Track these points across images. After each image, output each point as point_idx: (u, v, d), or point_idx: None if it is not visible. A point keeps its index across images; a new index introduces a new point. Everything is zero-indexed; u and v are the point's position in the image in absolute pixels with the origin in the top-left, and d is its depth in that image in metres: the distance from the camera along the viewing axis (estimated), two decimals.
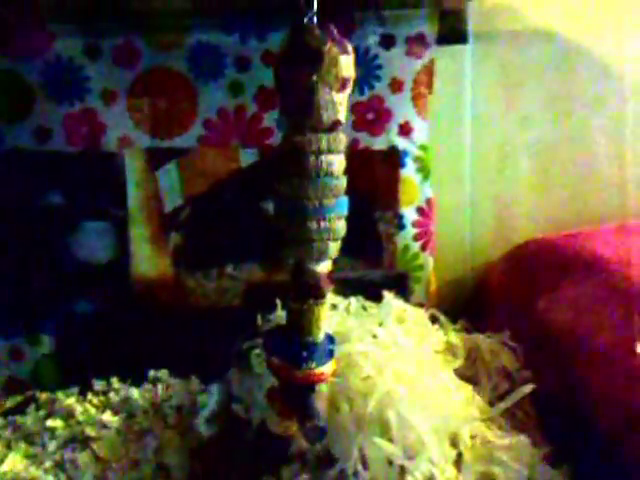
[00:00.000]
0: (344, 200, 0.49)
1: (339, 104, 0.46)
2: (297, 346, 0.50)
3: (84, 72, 0.74)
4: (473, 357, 0.69)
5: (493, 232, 0.86)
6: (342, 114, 0.47)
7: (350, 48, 0.46)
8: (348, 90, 0.47)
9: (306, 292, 0.49)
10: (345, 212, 0.50)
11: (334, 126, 0.47)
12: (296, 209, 0.47)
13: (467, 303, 0.86)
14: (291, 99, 0.46)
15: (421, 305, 0.79)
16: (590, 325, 0.64)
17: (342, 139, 0.48)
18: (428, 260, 0.83)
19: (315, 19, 0.48)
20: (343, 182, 0.49)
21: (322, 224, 0.48)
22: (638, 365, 0.57)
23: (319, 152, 0.47)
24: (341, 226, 0.49)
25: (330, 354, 0.51)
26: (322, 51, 0.44)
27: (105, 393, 0.75)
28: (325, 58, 0.44)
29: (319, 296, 0.49)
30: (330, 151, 0.47)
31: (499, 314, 0.81)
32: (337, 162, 0.48)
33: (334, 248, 0.49)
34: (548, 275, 0.75)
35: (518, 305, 0.77)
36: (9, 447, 0.67)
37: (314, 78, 0.44)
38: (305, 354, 0.49)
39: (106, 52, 0.74)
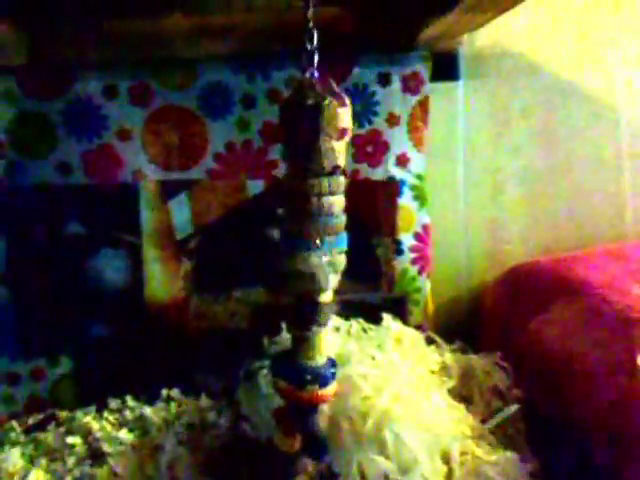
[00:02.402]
0: (344, 236, 0.54)
1: (338, 151, 0.51)
2: (301, 370, 0.54)
3: (102, 111, 0.80)
4: (467, 376, 0.73)
5: (487, 256, 0.90)
6: (341, 160, 0.52)
7: (347, 101, 0.51)
8: (346, 138, 0.52)
9: (309, 320, 0.54)
10: (345, 247, 0.54)
11: (334, 170, 0.51)
12: (300, 245, 0.52)
13: (463, 324, 0.90)
14: (295, 147, 0.51)
15: (420, 327, 0.84)
16: (576, 346, 0.68)
17: (341, 181, 0.53)
18: (425, 283, 0.87)
19: (316, 73, 0.53)
20: (342, 220, 0.53)
21: (323, 259, 0.52)
22: (619, 387, 0.61)
23: (321, 194, 0.51)
24: (341, 260, 0.54)
25: (332, 376, 0.55)
26: (322, 105, 0.49)
27: (120, 411, 0.79)
28: (325, 111, 0.49)
29: (321, 324, 0.54)
30: (331, 193, 0.52)
31: (493, 335, 0.85)
32: (337, 202, 0.52)
33: (334, 280, 0.54)
34: (538, 297, 0.78)
35: (511, 326, 0.81)
36: (32, 463, 0.70)
37: (316, 129, 0.49)
38: (309, 377, 0.54)
39: (122, 92, 0.79)
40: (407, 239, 0.86)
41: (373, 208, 0.85)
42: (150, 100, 0.80)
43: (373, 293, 0.86)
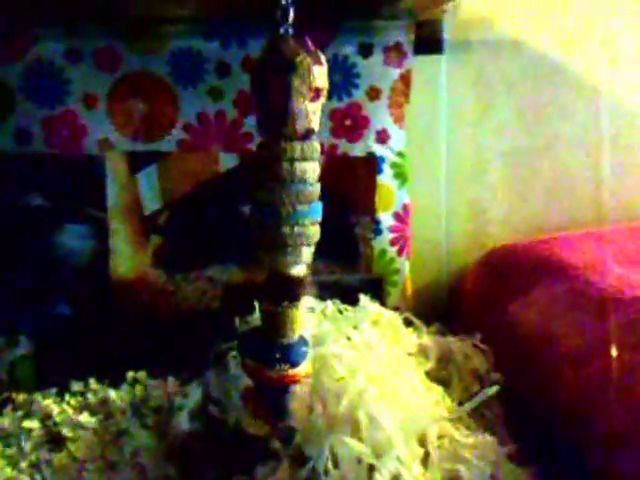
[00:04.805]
0: (318, 206, 0.51)
1: (313, 113, 0.47)
2: (271, 348, 0.51)
3: (65, 75, 0.75)
4: (446, 359, 0.71)
5: (468, 237, 0.88)
6: (316, 123, 0.49)
7: (324, 59, 0.48)
8: (322, 100, 0.48)
9: (280, 295, 0.51)
10: (319, 218, 0.51)
11: (308, 134, 0.48)
12: (270, 215, 0.49)
13: (443, 307, 0.88)
14: (266, 108, 0.48)
15: (397, 309, 0.81)
16: (557, 329, 0.66)
17: (316, 147, 0.49)
18: (404, 264, 0.84)
19: (291, 30, 0.49)
20: (316, 188, 0.50)
21: (295, 229, 0.49)
22: (601, 368, 0.59)
23: (293, 159, 0.48)
24: (314, 231, 0.51)
25: (304, 356, 0.52)
26: (296, 62, 0.45)
27: (83, 394, 0.75)
28: (299, 69, 0.45)
29: (293, 299, 0.51)
30: (304, 159, 0.49)
31: (473, 317, 0.83)
32: (311, 169, 0.49)
33: (308, 253, 0.51)
34: (520, 280, 0.76)
35: (491, 309, 0.79)
36: None
37: (288, 88, 0.46)
38: (278, 355, 0.51)
39: (87, 55, 0.74)
40: (386, 219, 0.83)
41: (351, 185, 0.82)
42: (117, 65, 0.75)
43: (350, 274, 0.84)
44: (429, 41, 0.80)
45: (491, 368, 0.69)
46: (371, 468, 0.49)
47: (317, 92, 0.47)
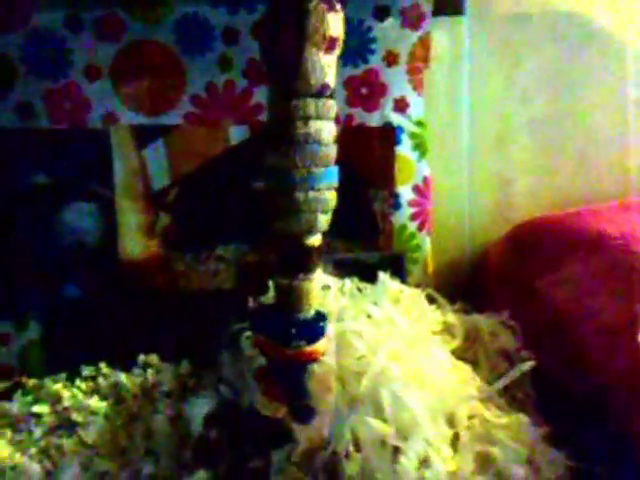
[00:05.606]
0: (334, 170, 0.47)
1: (327, 66, 0.44)
2: (286, 323, 0.48)
3: (66, 45, 0.72)
4: (472, 338, 0.67)
5: (492, 211, 0.83)
6: (331, 78, 0.45)
7: (339, 6, 0.44)
8: (337, 51, 0.44)
9: (295, 266, 0.47)
10: (335, 182, 0.47)
11: (323, 90, 0.44)
12: (284, 179, 0.45)
13: (466, 284, 0.84)
14: (277, 62, 0.44)
15: (418, 286, 0.77)
16: (592, 303, 0.62)
17: (332, 105, 0.46)
18: (425, 240, 0.80)
19: None
20: (333, 150, 0.46)
21: (310, 194, 0.45)
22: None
23: (307, 118, 0.44)
24: (331, 197, 0.47)
25: (321, 332, 0.49)
26: (308, 7, 0.41)
27: (94, 378, 0.73)
28: (312, 15, 0.41)
29: (309, 270, 0.47)
30: (319, 117, 0.45)
31: (499, 294, 0.79)
32: (326, 129, 0.45)
33: (324, 220, 0.47)
34: (549, 254, 0.72)
35: (519, 285, 0.75)
36: None
37: (300, 37, 0.42)
38: (294, 331, 0.47)
39: (88, 24, 0.71)
40: (406, 192, 0.79)
41: (368, 158, 0.78)
42: (120, 34, 0.72)
43: (369, 251, 0.80)
44: (449, 1, 0.75)
45: (520, 346, 0.65)
46: (396, 450, 0.45)
47: (332, 42, 0.43)
